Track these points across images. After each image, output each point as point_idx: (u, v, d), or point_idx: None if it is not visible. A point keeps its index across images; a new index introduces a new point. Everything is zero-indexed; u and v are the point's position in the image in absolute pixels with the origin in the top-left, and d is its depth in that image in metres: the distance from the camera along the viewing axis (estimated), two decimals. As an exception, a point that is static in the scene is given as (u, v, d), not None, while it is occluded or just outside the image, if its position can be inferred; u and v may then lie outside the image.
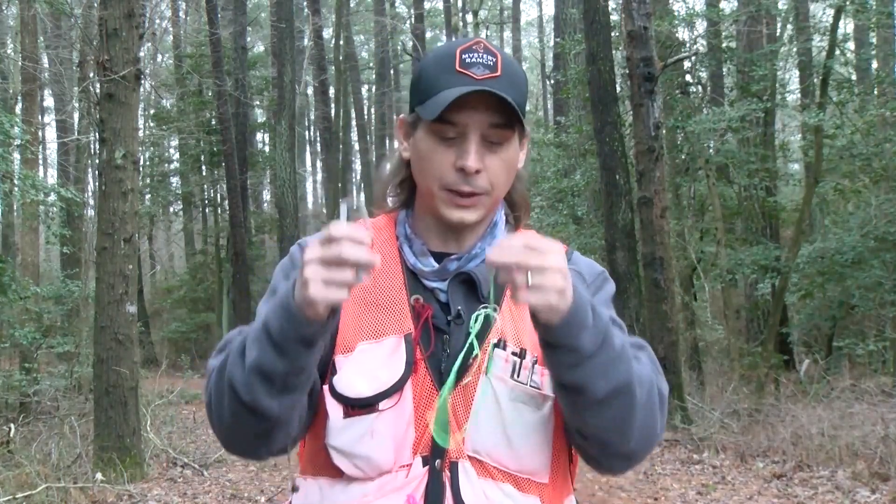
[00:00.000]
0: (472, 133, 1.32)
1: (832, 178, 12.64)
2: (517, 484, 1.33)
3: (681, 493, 6.78)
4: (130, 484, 7.09)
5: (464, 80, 1.31)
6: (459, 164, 1.33)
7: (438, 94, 1.32)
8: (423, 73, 1.37)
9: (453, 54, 1.34)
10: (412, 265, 1.41)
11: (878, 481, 6.54)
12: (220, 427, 1.33)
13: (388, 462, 1.31)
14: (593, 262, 1.51)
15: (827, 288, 12.19)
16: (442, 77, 1.33)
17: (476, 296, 1.39)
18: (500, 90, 1.30)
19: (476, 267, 1.40)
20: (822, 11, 15.21)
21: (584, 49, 11.71)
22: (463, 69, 1.32)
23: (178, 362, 17.21)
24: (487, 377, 1.32)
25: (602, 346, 1.22)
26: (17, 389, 10.36)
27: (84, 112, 16.91)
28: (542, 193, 15.49)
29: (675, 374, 9.17)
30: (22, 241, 14.90)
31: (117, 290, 7.43)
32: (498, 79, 1.32)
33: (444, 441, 1.28)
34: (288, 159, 16.73)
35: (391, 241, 1.45)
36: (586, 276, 1.46)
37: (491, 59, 1.33)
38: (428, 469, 1.31)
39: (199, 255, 24.77)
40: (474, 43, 1.35)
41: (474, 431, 1.32)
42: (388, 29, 24.63)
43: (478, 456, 1.32)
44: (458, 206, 1.36)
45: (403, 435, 1.31)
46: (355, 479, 1.33)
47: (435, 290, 1.40)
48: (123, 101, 7.46)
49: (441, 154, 1.34)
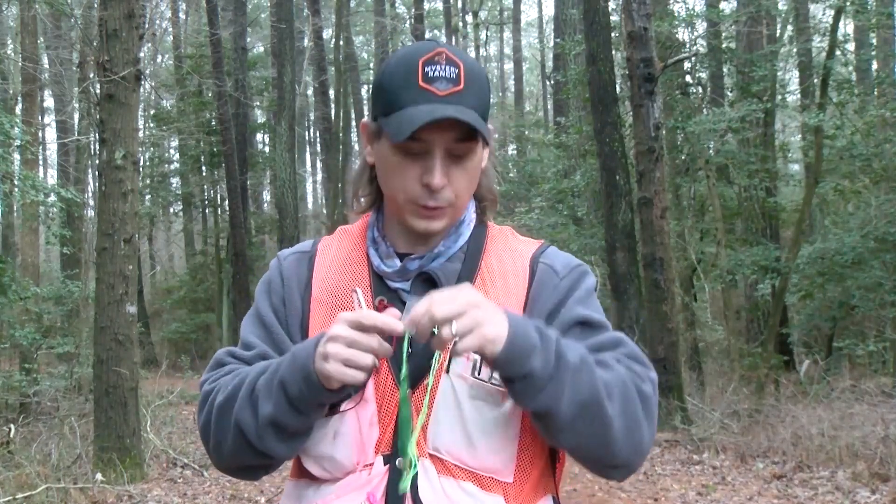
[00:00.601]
0: (437, 149, 1.33)
1: (832, 178, 12.64)
2: (479, 482, 1.32)
3: (681, 493, 6.78)
4: (130, 484, 7.09)
5: (427, 96, 1.31)
6: (425, 180, 1.33)
7: (403, 110, 1.31)
8: (386, 82, 1.35)
9: (415, 67, 1.32)
10: (377, 267, 1.42)
11: (879, 482, 6.54)
12: (218, 456, 1.38)
13: (351, 461, 1.32)
14: (571, 256, 1.48)
15: (827, 288, 12.18)
16: (405, 92, 1.32)
17: None
18: (465, 104, 1.31)
19: (438, 266, 1.40)
20: (822, 12, 15.23)
21: (584, 50, 11.71)
22: (426, 84, 1.31)
23: (178, 363, 17.21)
24: (448, 375, 1.32)
25: (557, 366, 1.21)
26: (17, 390, 10.36)
27: (84, 113, 16.92)
28: (542, 194, 15.50)
29: (675, 375, 9.17)
30: (22, 241, 14.90)
31: (117, 290, 7.43)
32: (461, 93, 1.31)
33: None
34: (288, 160, 16.74)
35: (360, 244, 1.47)
36: (559, 270, 1.42)
37: (454, 72, 1.32)
38: (389, 467, 1.31)
39: (199, 255, 24.77)
40: (436, 53, 1.32)
41: (434, 429, 1.32)
42: (388, 29, 24.61)
43: (438, 454, 1.31)
44: (424, 217, 1.37)
45: (367, 434, 1.32)
46: (325, 480, 1.36)
47: (399, 290, 1.40)
48: (123, 102, 7.46)
49: (406, 169, 1.35)
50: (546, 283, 1.41)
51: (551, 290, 1.40)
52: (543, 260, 1.44)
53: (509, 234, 1.51)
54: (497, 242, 1.47)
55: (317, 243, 1.51)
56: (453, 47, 1.36)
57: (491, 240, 1.47)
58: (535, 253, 1.45)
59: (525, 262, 1.44)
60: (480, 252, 1.45)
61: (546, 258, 1.44)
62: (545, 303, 1.39)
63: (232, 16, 19.82)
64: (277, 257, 1.52)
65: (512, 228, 1.54)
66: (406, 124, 1.29)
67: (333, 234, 1.53)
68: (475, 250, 1.44)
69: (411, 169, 1.35)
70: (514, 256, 1.45)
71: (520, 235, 1.52)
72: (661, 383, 9.74)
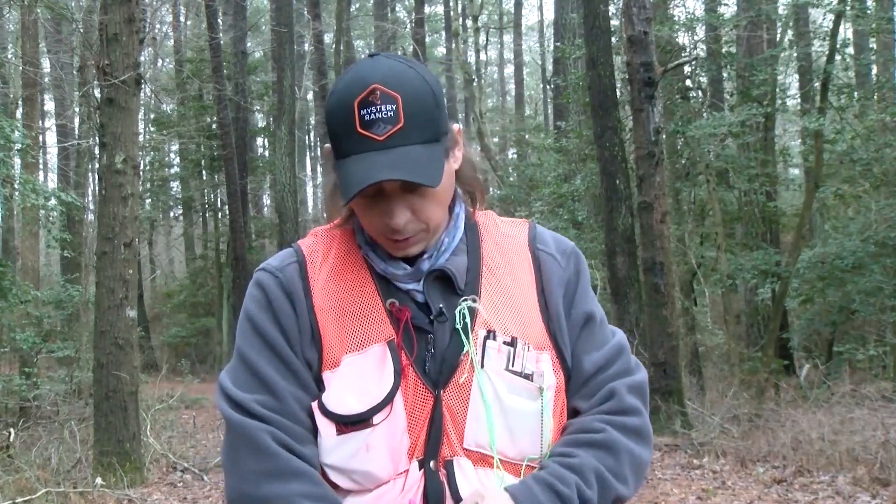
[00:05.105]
0: (391, 193, 1.31)
1: (832, 182, 12.64)
2: (515, 471, 1.35)
3: (681, 498, 6.77)
4: (130, 489, 7.08)
5: (366, 143, 1.28)
6: (386, 222, 1.32)
7: (346, 158, 1.29)
8: (329, 122, 1.32)
9: (351, 110, 1.28)
10: (382, 270, 1.40)
11: (879, 486, 6.53)
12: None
13: (388, 473, 1.32)
14: (561, 237, 1.51)
15: (827, 293, 12.17)
16: (345, 139, 1.30)
17: (453, 289, 1.39)
18: (406, 142, 1.28)
19: (447, 261, 1.40)
20: (822, 17, 15.23)
21: (584, 54, 11.72)
22: (364, 130, 1.27)
23: (177, 367, 17.19)
24: (484, 371, 1.33)
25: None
26: (17, 394, 10.36)
27: (84, 116, 16.91)
28: (542, 198, 15.50)
29: (675, 379, 9.16)
30: (22, 245, 14.89)
31: (117, 294, 7.43)
32: (401, 131, 1.27)
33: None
34: (288, 164, 16.73)
35: (354, 248, 1.44)
36: (558, 258, 1.47)
37: (390, 109, 1.27)
38: (424, 471, 1.32)
39: (199, 259, 24.77)
40: (369, 93, 1.27)
41: (474, 426, 1.32)
42: (389, 34, 24.62)
43: (480, 450, 1.33)
44: (398, 248, 1.37)
45: (399, 444, 1.32)
46: (351, 491, 1.34)
47: (410, 291, 1.39)
48: (124, 106, 7.46)
49: (368, 210, 1.34)
50: (553, 272, 1.45)
51: (557, 280, 1.45)
52: (541, 247, 1.47)
53: (494, 218, 1.52)
54: (489, 230, 1.49)
55: (300, 250, 1.45)
56: (392, 71, 1.30)
57: (484, 228, 1.48)
58: (528, 237, 1.48)
59: (523, 248, 1.47)
60: (478, 242, 1.46)
61: (542, 244, 1.48)
62: (556, 295, 1.43)
63: (232, 20, 19.85)
64: (268, 271, 1.43)
65: (491, 211, 1.55)
66: (347, 186, 1.28)
67: (312, 239, 1.48)
68: (473, 240, 1.45)
69: (372, 210, 1.34)
70: (511, 243, 1.47)
71: (501, 217, 1.54)
72: (662, 388, 9.71)
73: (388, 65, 1.31)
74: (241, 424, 1.32)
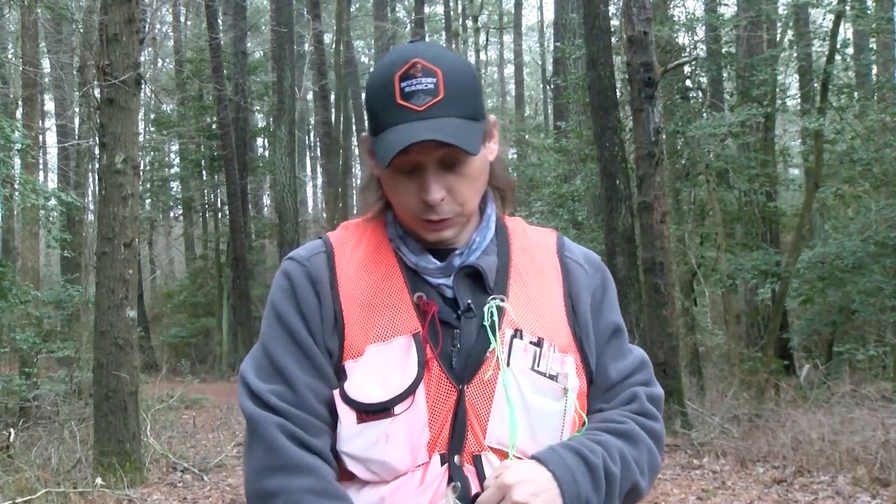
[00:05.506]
0: (428, 165, 1.31)
1: (832, 183, 12.64)
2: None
3: (681, 498, 6.77)
4: (130, 489, 7.08)
5: (406, 114, 1.29)
6: (422, 197, 1.32)
7: (385, 131, 1.30)
8: (369, 101, 1.34)
9: (392, 83, 1.30)
10: (413, 264, 1.40)
11: (879, 487, 6.53)
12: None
13: (406, 464, 1.31)
14: (588, 251, 1.54)
15: (827, 293, 12.18)
16: (385, 111, 1.31)
17: (482, 287, 1.40)
18: (446, 114, 1.29)
19: (479, 259, 1.40)
20: (822, 17, 15.24)
21: (584, 54, 11.71)
22: (403, 101, 1.29)
23: (178, 367, 17.22)
24: (509, 369, 1.33)
25: (609, 492, 1.34)
26: (17, 394, 10.37)
27: (84, 117, 16.90)
28: (542, 198, 15.50)
29: (675, 380, 9.16)
30: (22, 245, 14.89)
31: (117, 294, 7.43)
32: (441, 103, 1.29)
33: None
34: (288, 164, 16.74)
35: (384, 241, 1.44)
36: (586, 267, 1.49)
37: (431, 82, 1.29)
38: (447, 466, 1.32)
39: (199, 259, 24.77)
40: (411, 66, 1.29)
41: (497, 424, 1.33)
42: (389, 34, 24.62)
43: (503, 448, 1.33)
44: (432, 230, 1.37)
45: (419, 436, 1.31)
46: (368, 482, 1.33)
47: (439, 286, 1.39)
48: (124, 106, 7.46)
49: (404, 187, 1.34)
50: (580, 280, 1.47)
51: (585, 288, 1.46)
52: (568, 255, 1.49)
53: (523, 224, 1.54)
54: (518, 234, 1.50)
55: (328, 241, 1.45)
56: (431, 50, 1.33)
57: (513, 232, 1.50)
58: (556, 245, 1.50)
59: (552, 255, 1.48)
60: (508, 244, 1.47)
61: (569, 253, 1.50)
62: (584, 302, 1.45)
63: (232, 20, 19.87)
64: (295, 260, 1.42)
65: (519, 217, 1.57)
66: (385, 151, 1.29)
67: (342, 231, 1.49)
68: (503, 242, 1.47)
69: (408, 186, 1.34)
70: (539, 249, 1.49)
71: (528, 224, 1.56)
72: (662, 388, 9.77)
73: (429, 44, 1.35)
74: (255, 417, 1.33)
